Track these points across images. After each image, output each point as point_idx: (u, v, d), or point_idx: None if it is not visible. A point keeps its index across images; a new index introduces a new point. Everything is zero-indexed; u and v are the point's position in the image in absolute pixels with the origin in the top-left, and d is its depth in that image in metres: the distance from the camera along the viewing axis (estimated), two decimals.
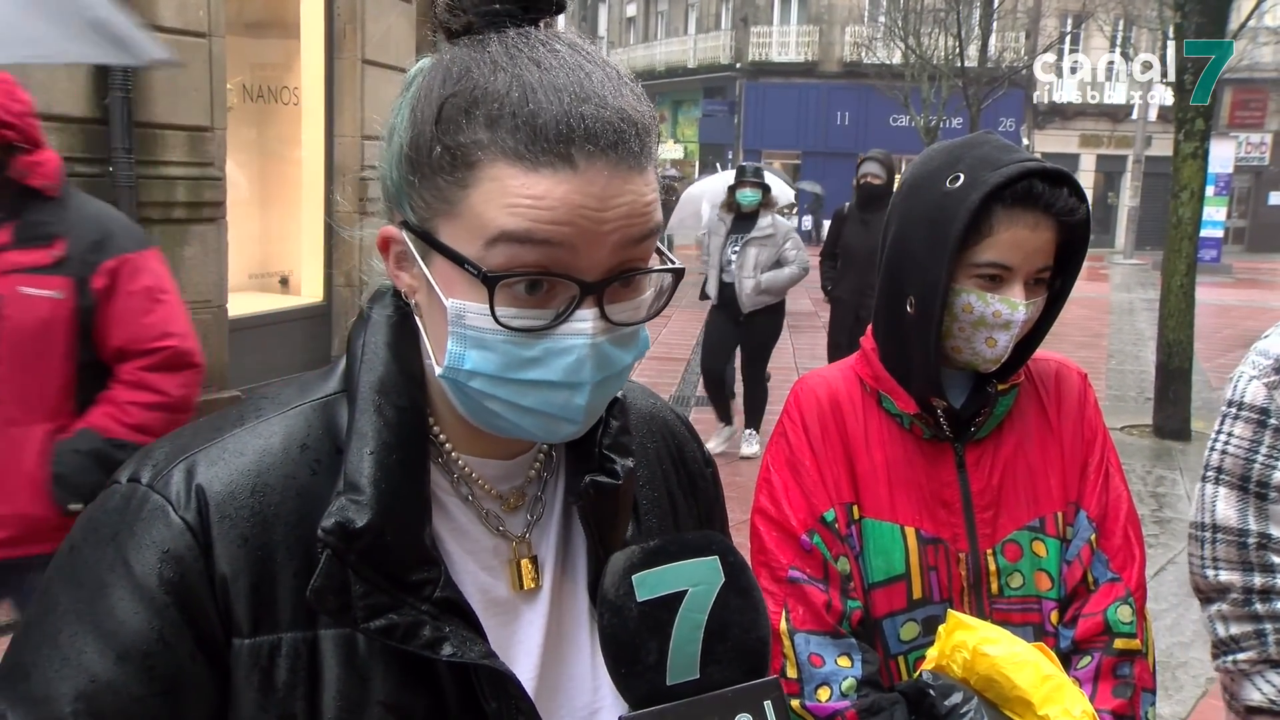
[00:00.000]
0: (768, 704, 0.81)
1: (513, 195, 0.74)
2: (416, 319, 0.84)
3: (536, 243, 0.74)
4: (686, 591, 0.81)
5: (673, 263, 0.83)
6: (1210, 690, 4.20)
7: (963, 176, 1.41)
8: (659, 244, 0.82)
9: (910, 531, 1.49)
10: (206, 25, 6.96)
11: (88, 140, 6.31)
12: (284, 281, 8.92)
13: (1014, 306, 1.41)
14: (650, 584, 0.80)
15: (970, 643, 1.30)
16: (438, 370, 0.81)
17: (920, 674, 1.35)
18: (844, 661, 1.44)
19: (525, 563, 0.89)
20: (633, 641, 0.79)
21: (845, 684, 1.42)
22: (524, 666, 0.87)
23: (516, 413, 0.80)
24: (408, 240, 0.81)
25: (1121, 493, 1.56)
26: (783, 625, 1.46)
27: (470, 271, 0.76)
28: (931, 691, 1.30)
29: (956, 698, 1.29)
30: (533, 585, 0.89)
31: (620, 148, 0.75)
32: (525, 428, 0.81)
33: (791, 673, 1.45)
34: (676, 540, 0.86)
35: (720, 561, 0.83)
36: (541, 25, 0.81)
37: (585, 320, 0.77)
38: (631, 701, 0.80)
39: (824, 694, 1.43)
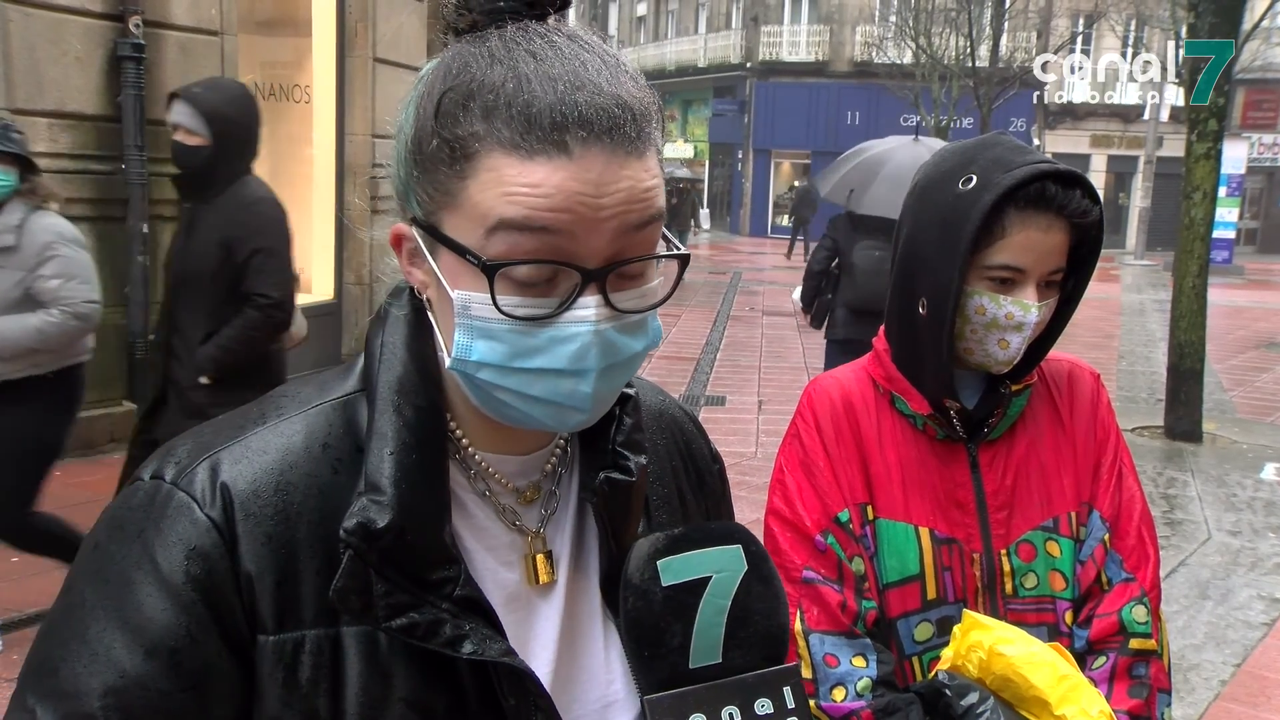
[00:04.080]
0: (787, 689, 0.82)
1: (510, 184, 0.75)
2: (430, 315, 0.85)
3: (535, 230, 0.75)
4: (711, 577, 0.82)
5: (678, 249, 0.84)
6: (1223, 692, 4.19)
7: (975, 178, 1.41)
8: (665, 231, 0.83)
9: (925, 532, 1.49)
10: (219, 23, 6.99)
11: (100, 138, 6.34)
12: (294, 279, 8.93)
13: (1026, 309, 1.41)
14: (675, 569, 0.81)
15: (986, 642, 1.29)
16: (447, 362, 0.81)
17: (936, 674, 1.35)
18: (859, 662, 1.44)
19: (540, 558, 0.89)
20: (657, 625, 0.80)
21: (860, 684, 1.42)
22: (540, 661, 0.87)
23: (525, 402, 0.81)
24: (417, 236, 0.82)
25: (1135, 493, 1.56)
26: (797, 626, 1.45)
27: (471, 261, 0.77)
28: (947, 691, 1.30)
29: (972, 698, 1.28)
30: (548, 580, 0.90)
31: (615, 133, 0.76)
32: (535, 417, 0.82)
33: (806, 673, 1.44)
34: (700, 528, 0.87)
35: (744, 550, 0.84)
36: (550, 20, 0.82)
37: (589, 308, 0.77)
38: (653, 684, 0.80)
39: (839, 694, 1.42)
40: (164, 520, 0.79)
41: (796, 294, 6.65)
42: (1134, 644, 1.47)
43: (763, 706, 0.81)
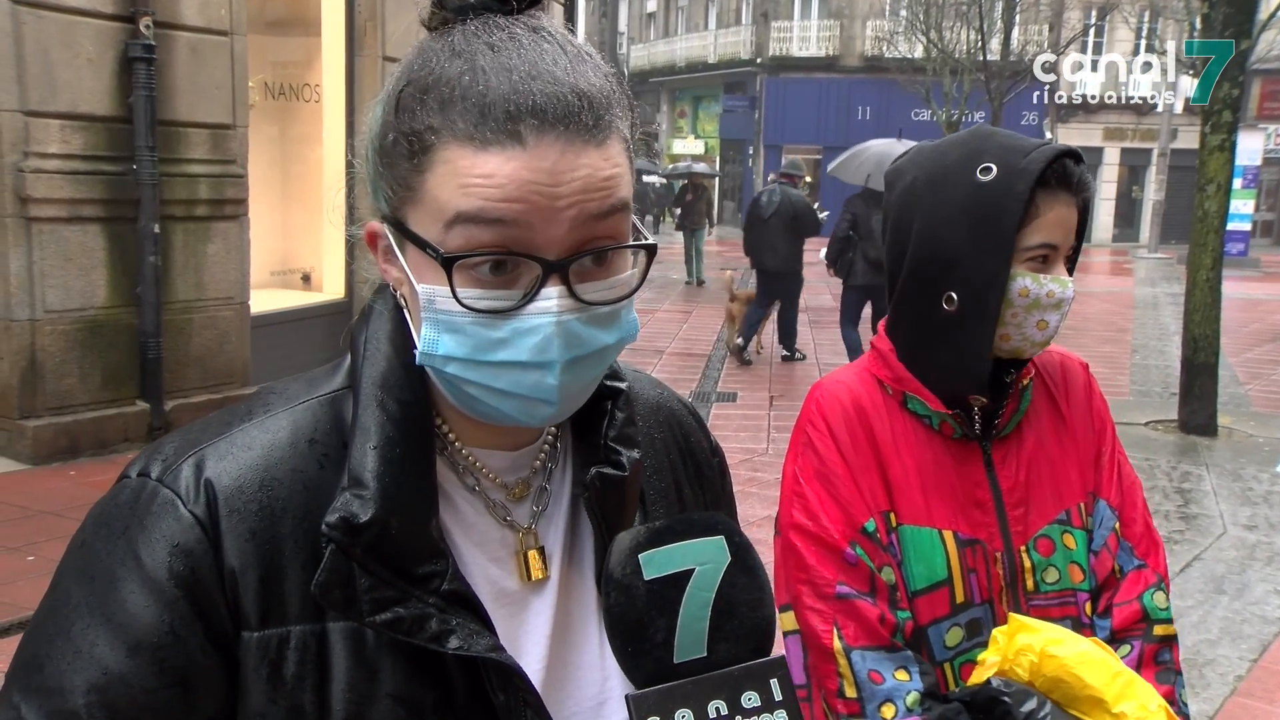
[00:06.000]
0: (774, 682, 0.81)
1: (464, 176, 0.75)
2: (405, 312, 0.85)
3: (491, 222, 0.75)
4: (694, 570, 0.81)
5: (645, 239, 0.83)
6: (1239, 688, 4.16)
7: (995, 167, 1.40)
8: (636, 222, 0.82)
9: (949, 535, 1.46)
10: (229, 24, 7.01)
11: (112, 139, 6.37)
12: (305, 278, 8.98)
13: (1064, 284, 1.42)
14: (658, 563, 0.80)
15: (1036, 645, 1.27)
16: (416, 357, 0.81)
17: (988, 681, 1.30)
18: (902, 675, 1.38)
19: (533, 554, 0.89)
20: (640, 620, 0.79)
21: (910, 698, 1.36)
22: (532, 657, 0.87)
23: (494, 396, 0.80)
24: (388, 232, 0.82)
25: (1135, 480, 1.57)
26: (836, 644, 1.40)
27: (431, 254, 0.77)
28: (1006, 699, 1.26)
29: (1031, 704, 1.25)
30: (540, 576, 0.89)
31: (571, 121, 0.75)
32: (505, 411, 0.81)
33: (850, 692, 1.38)
34: (682, 520, 0.86)
35: (726, 540, 0.83)
36: (522, 15, 0.81)
37: (550, 299, 0.77)
38: (638, 680, 0.79)
39: (889, 711, 1.36)
40: (148, 517, 0.79)
41: (823, 254, 9.58)
42: (1158, 630, 1.47)
43: (750, 700, 0.79)
